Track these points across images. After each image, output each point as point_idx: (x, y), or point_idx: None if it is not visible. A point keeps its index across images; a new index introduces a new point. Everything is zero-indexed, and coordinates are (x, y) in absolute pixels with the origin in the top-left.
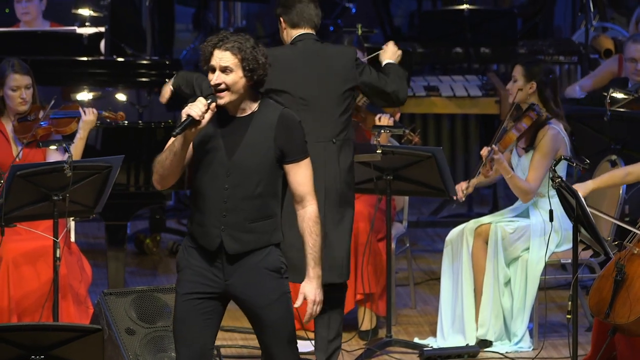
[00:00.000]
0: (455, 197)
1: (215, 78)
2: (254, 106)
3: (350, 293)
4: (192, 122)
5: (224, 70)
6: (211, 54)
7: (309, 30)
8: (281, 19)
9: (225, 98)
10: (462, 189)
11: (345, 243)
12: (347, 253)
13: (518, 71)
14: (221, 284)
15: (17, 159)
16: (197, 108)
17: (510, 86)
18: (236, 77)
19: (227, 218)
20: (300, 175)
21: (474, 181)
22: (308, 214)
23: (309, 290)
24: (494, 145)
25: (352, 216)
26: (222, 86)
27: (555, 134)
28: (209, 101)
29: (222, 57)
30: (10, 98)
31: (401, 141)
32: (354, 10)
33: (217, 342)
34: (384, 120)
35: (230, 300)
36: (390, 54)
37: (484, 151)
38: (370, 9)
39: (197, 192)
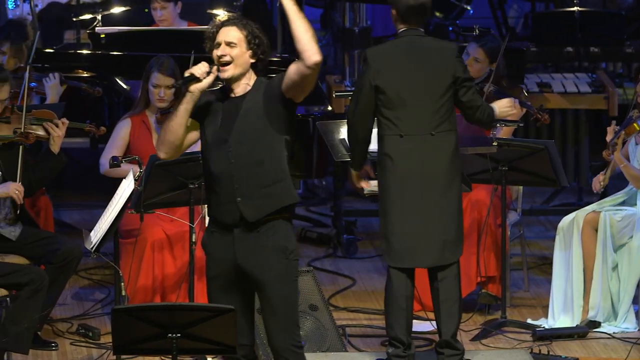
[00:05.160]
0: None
1: (220, 50)
2: (251, 84)
3: (473, 275)
4: (193, 78)
5: (229, 44)
6: (217, 32)
7: (417, 26)
8: (393, 11)
9: (228, 71)
10: (599, 181)
11: (454, 225)
12: (456, 233)
13: None
14: (232, 262)
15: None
16: (199, 68)
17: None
18: (240, 52)
19: (239, 189)
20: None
21: (608, 173)
22: None
23: None
24: (620, 130)
25: (458, 200)
26: (227, 58)
27: None
28: (213, 65)
29: (228, 33)
30: (151, 93)
31: (530, 119)
32: (471, 12)
33: (343, 322)
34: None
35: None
36: (500, 107)
37: (610, 133)
38: (487, 11)
39: (207, 173)
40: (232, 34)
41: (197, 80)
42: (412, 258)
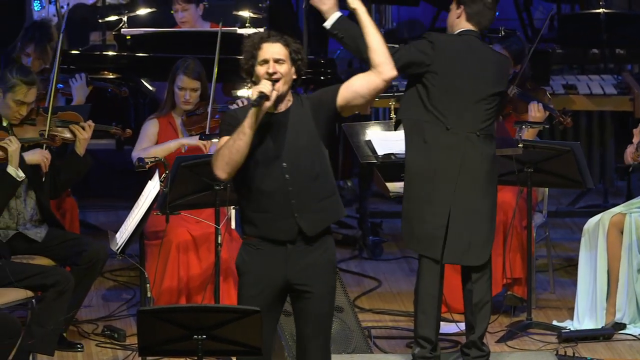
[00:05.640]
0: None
1: (271, 67)
2: (291, 99)
3: (499, 277)
4: (264, 96)
5: (278, 61)
6: (259, 47)
7: (476, 28)
8: (461, 6)
9: (281, 87)
10: (631, 152)
11: (484, 229)
12: (484, 238)
13: None
14: (281, 279)
15: (183, 150)
16: (266, 86)
17: None
18: (287, 68)
19: (296, 204)
20: (353, 78)
21: None
22: None
23: None
24: None
25: (492, 204)
26: (278, 75)
27: None
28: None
29: (274, 49)
30: (176, 95)
31: (553, 122)
32: (497, 14)
33: (368, 324)
34: (535, 108)
35: (288, 294)
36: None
37: (636, 135)
38: (513, 12)
39: (254, 191)
40: (278, 51)
41: (267, 98)
42: (436, 249)
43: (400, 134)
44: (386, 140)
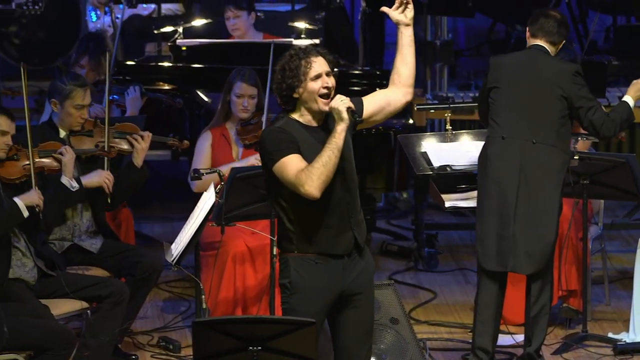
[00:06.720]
0: None
1: (329, 81)
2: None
3: (554, 289)
4: (354, 110)
5: (328, 74)
6: (308, 63)
7: (544, 43)
8: (527, 28)
9: None
10: None
11: (540, 239)
12: (539, 248)
13: None
14: (338, 290)
15: (237, 160)
16: (345, 100)
17: None
18: (334, 80)
19: (352, 217)
20: (374, 93)
21: None
22: None
23: None
24: None
25: (550, 216)
26: (332, 89)
27: None
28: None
29: (322, 63)
30: (234, 104)
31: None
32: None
33: (424, 336)
34: None
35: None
36: (634, 90)
37: None
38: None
39: (323, 207)
40: (325, 64)
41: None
42: (500, 261)
43: (456, 146)
44: (442, 152)
